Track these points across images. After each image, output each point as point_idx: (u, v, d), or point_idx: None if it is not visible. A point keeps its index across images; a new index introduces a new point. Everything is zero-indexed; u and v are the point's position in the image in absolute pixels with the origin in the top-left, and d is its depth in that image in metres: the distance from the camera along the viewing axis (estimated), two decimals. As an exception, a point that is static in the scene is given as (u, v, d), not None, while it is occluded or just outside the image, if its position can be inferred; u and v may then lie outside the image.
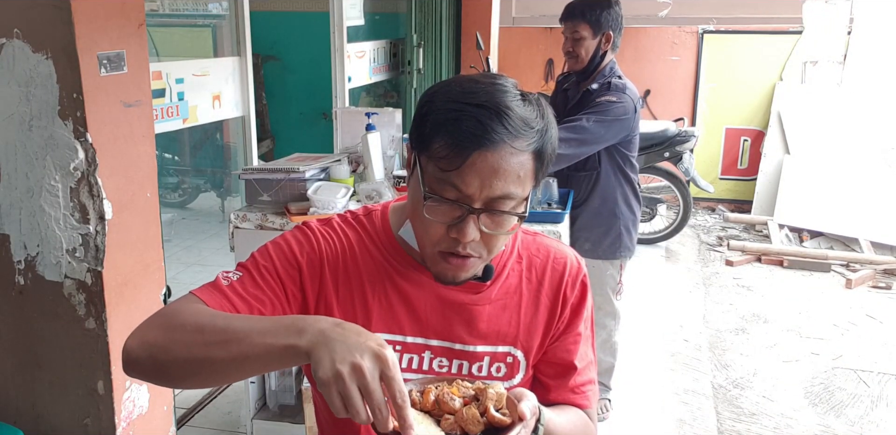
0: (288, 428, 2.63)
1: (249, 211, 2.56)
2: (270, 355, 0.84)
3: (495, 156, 0.95)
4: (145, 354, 0.92)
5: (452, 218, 0.98)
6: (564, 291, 1.16)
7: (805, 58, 6.04)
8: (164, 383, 0.97)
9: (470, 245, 1.00)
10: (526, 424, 0.92)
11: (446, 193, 0.97)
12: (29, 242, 2.02)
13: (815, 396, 3.29)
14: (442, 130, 0.96)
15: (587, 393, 1.18)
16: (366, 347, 0.80)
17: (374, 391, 0.79)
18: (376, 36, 5.18)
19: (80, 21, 1.85)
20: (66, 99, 1.89)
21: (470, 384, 0.96)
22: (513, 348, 1.14)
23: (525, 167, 0.97)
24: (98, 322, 2.04)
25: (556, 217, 2.51)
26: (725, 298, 4.44)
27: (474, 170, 0.95)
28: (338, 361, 0.79)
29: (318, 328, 0.83)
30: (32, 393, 2.14)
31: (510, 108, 0.96)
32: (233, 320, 0.90)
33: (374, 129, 2.75)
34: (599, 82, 2.77)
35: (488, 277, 1.11)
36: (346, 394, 0.78)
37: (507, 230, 1.01)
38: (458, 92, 0.98)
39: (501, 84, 0.99)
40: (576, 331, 1.17)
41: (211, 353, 0.88)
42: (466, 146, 0.95)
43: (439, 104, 0.98)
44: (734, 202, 6.33)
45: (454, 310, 1.11)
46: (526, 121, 0.97)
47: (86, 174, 1.95)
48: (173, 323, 0.93)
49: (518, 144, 0.96)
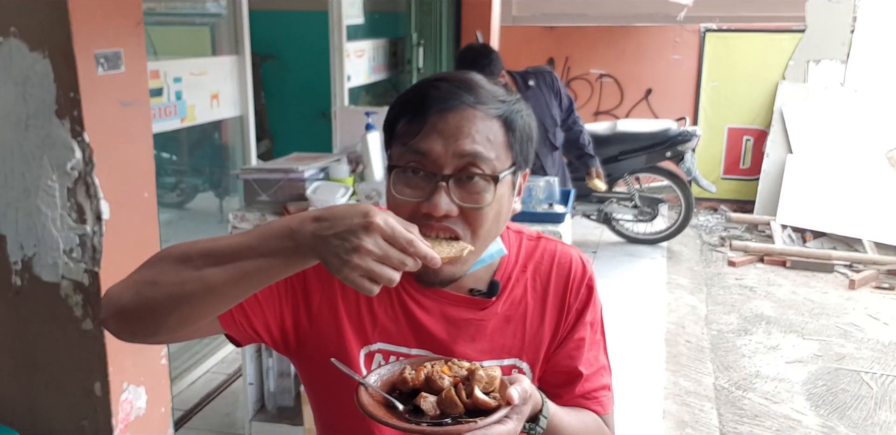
0: (286, 430, 2.61)
1: (248, 211, 2.54)
2: (272, 267, 0.83)
3: (457, 116, 0.93)
4: (130, 292, 0.88)
5: (423, 193, 0.94)
6: (569, 295, 1.12)
7: (808, 57, 6.02)
8: (146, 325, 0.91)
9: (448, 222, 0.94)
10: (517, 409, 0.89)
11: (413, 164, 0.94)
12: (25, 243, 2.01)
13: (818, 397, 3.27)
14: (403, 108, 0.96)
15: (601, 399, 1.13)
16: (354, 225, 0.79)
17: (388, 256, 0.79)
18: (376, 34, 5.16)
19: (77, 19, 1.84)
20: (63, 98, 1.88)
21: (467, 364, 0.93)
22: (518, 360, 1.10)
23: (493, 131, 0.95)
24: (95, 323, 2.02)
25: (556, 217, 2.49)
26: (728, 298, 4.42)
27: (435, 130, 0.93)
28: (342, 253, 0.79)
29: (307, 230, 0.81)
30: (29, 394, 2.13)
31: (475, 80, 0.97)
32: (217, 241, 0.87)
33: (374, 128, 2.74)
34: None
35: (494, 292, 1.07)
36: (370, 274, 0.79)
37: (485, 203, 0.95)
38: (422, 79, 1.00)
39: (469, 73, 1.00)
40: (578, 336, 1.12)
41: (203, 275, 0.84)
42: (426, 111, 0.93)
43: (403, 94, 0.99)
44: (736, 202, 6.31)
45: (459, 326, 1.07)
46: (491, 92, 0.97)
47: (83, 174, 1.93)
48: (157, 259, 0.90)
49: (482, 109, 0.94)
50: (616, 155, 5.00)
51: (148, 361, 2.20)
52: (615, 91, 6.43)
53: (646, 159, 4.99)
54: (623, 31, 6.34)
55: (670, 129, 4.97)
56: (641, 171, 5.13)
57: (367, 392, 0.90)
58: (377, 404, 0.89)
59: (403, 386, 0.92)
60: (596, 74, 6.42)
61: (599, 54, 6.35)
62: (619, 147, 4.99)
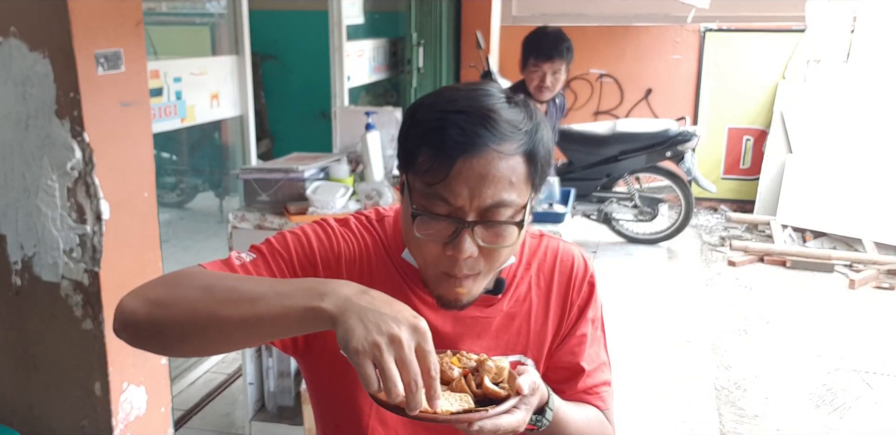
0: (286, 430, 2.61)
1: (248, 211, 2.54)
2: (287, 318, 0.80)
3: (481, 162, 0.90)
4: (144, 310, 0.87)
5: (446, 235, 0.93)
6: (572, 292, 1.14)
7: (808, 56, 6.01)
8: (158, 346, 0.91)
9: (467, 263, 0.94)
10: (525, 400, 0.90)
11: (436, 209, 0.92)
12: (26, 243, 2.01)
13: (818, 397, 3.27)
14: (424, 142, 0.92)
15: (601, 394, 1.15)
16: (402, 317, 0.78)
17: (411, 363, 0.76)
18: (376, 34, 5.16)
19: (76, 19, 1.84)
20: (63, 98, 1.88)
21: (474, 356, 0.95)
22: (522, 357, 1.12)
23: (517, 172, 0.93)
24: (95, 323, 2.02)
25: (556, 217, 2.49)
26: (728, 298, 4.42)
27: (461, 179, 0.90)
28: (374, 331, 0.75)
29: (343, 294, 0.79)
30: (29, 394, 2.13)
31: (494, 110, 0.92)
32: (245, 280, 0.86)
33: (374, 128, 2.73)
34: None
35: (500, 290, 1.08)
36: (382, 365, 0.75)
37: (508, 244, 0.95)
38: (439, 102, 0.95)
39: (485, 89, 0.96)
40: (580, 332, 1.15)
41: (219, 311, 0.83)
42: (450, 154, 0.90)
43: (420, 116, 0.95)
44: (736, 202, 6.31)
45: (465, 324, 1.09)
46: (512, 123, 0.93)
47: (83, 174, 1.93)
48: (179, 280, 0.89)
49: (505, 148, 0.91)
50: (616, 155, 5.00)
51: (148, 361, 2.21)
52: (615, 91, 6.43)
53: (646, 159, 4.99)
54: (623, 30, 6.35)
55: (670, 128, 4.97)
56: (641, 171, 5.14)
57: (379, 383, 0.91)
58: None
59: None
60: (596, 74, 6.42)
61: (599, 54, 6.36)
62: (619, 147, 4.99)
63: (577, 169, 5.03)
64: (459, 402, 0.87)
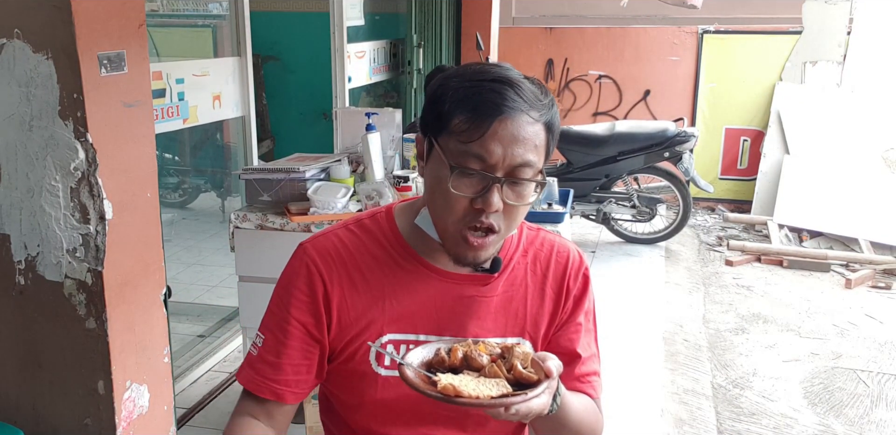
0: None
1: (250, 211, 2.56)
2: None
3: (515, 123, 1.01)
4: None
5: (477, 190, 1.02)
6: (567, 282, 1.19)
7: (804, 58, 6.04)
8: None
9: (493, 216, 1.03)
10: (550, 383, 0.94)
11: (471, 164, 1.01)
12: (29, 242, 2.03)
13: (815, 395, 3.29)
14: (461, 105, 1.02)
15: (593, 383, 1.19)
16: None
17: None
18: (376, 36, 5.19)
19: (80, 21, 1.86)
20: (67, 99, 1.89)
21: (496, 342, 1.00)
22: (521, 339, 1.16)
23: (539, 137, 1.03)
24: (98, 322, 2.04)
25: (556, 217, 2.51)
26: (725, 297, 4.44)
27: (496, 138, 1.00)
28: None
29: None
30: (33, 393, 2.15)
31: (520, 81, 1.04)
32: None
33: (374, 129, 2.75)
34: None
35: (496, 268, 1.13)
36: None
37: (527, 202, 1.05)
38: (470, 73, 1.05)
39: (505, 66, 1.07)
40: (577, 321, 1.19)
41: None
42: (488, 115, 1.00)
43: (455, 84, 1.04)
44: (734, 202, 6.34)
45: (463, 303, 1.13)
46: (535, 94, 1.04)
47: (86, 174, 1.95)
48: None
49: (533, 115, 1.02)
50: (615, 155, 5.02)
51: (151, 360, 2.22)
52: (614, 92, 6.46)
53: (644, 160, 5.01)
54: (622, 32, 6.37)
55: (668, 129, 4.99)
56: (640, 172, 5.16)
57: (411, 370, 0.95)
58: (422, 381, 0.94)
59: (440, 365, 0.97)
60: (595, 75, 6.44)
61: (598, 56, 6.38)
62: (617, 147, 5.02)
63: (576, 169, 5.06)
64: (497, 387, 0.91)
